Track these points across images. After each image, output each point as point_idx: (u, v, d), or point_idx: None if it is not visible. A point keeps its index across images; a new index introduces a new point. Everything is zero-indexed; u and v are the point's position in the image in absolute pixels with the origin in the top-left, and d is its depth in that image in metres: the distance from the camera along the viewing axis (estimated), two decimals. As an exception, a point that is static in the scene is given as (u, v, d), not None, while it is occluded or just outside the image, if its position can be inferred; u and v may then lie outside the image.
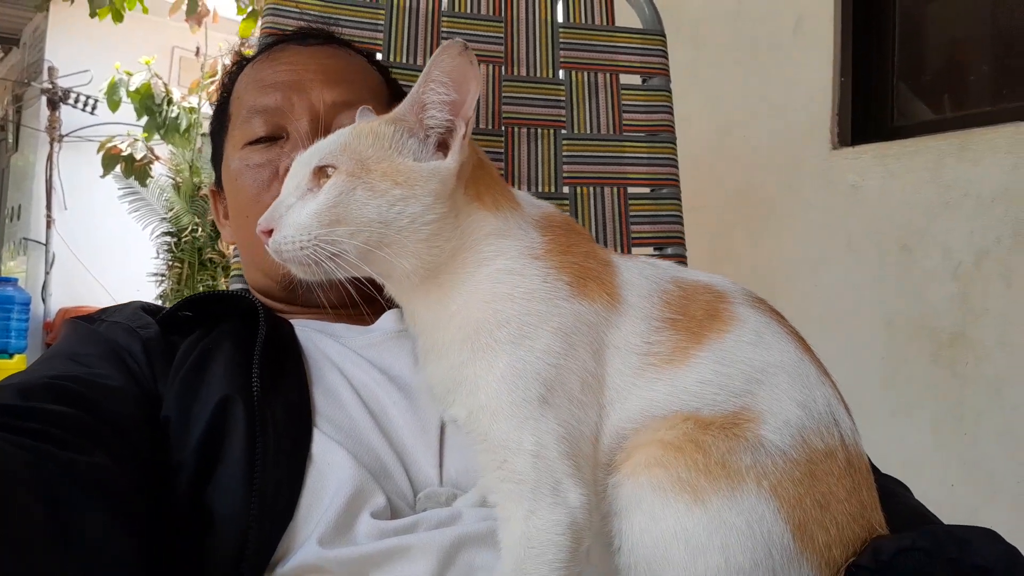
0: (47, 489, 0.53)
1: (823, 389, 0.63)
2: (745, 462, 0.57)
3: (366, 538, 0.67)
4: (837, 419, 0.62)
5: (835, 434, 0.61)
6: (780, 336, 0.64)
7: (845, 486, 0.59)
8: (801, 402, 0.61)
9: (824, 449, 0.60)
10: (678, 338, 0.61)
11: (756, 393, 0.60)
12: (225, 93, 1.01)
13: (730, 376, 0.61)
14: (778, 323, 0.65)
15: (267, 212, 0.62)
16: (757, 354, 0.62)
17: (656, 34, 1.32)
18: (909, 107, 2.19)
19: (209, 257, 6.12)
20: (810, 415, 0.60)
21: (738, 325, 0.63)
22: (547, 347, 0.59)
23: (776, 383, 0.61)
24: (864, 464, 0.62)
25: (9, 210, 8.22)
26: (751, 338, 0.63)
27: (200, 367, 0.78)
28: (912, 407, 1.89)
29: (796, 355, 0.63)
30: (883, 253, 1.97)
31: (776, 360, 0.62)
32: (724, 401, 0.60)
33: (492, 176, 0.66)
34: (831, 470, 0.59)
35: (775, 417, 0.59)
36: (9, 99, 8.29)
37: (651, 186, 1.25)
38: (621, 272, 0.64)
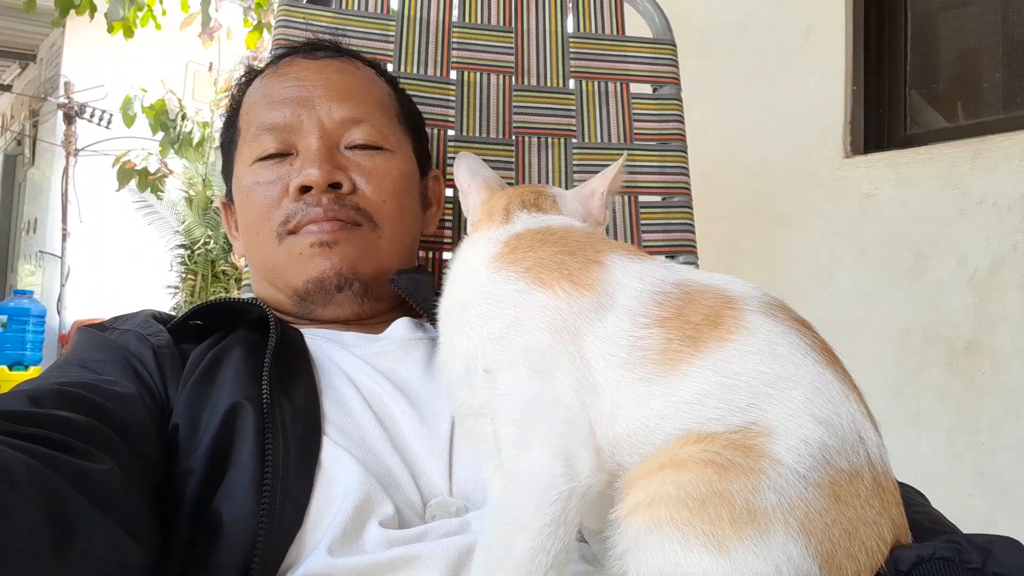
0: (52, 496, 0.53)
1: (848, 405, 0.58)
2: (771, 501, 0.53)
3: (374, 547, 0.67)
4: (863, 436, 0.58)
5: (861, 453, 0.57)
6: (797, 347, 0.59)
7: (874, 508, 0.56)
8: (821, 419, 0.56)
9: (849, 470, 0.56)
10: (668, 338, 0.60)
11: (766, 408, 0.56)
12: (234, 107, 1.02)
13: (734, 388, 0.57)
14: (798, 333, 0.61)
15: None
16: (766, 366, 0.58)
17: (666, 43, 1.32)
18: (922, 115, 2.18)
19: (222, 269, 6.17)
20: (833, 433, 0.56)
21: (744, 334, 0.59)
22: (489, 326, 0.64)
23: (790, 398, 0.57)
24: (891, 482, 0.59)
25: (25, 223, 8.31)
26: (759, 348, 0.59)
27: (210, 374, 0.78)
28: (927, 416, 1.88)
29: (815, 368, 0.59)
30: (897, 262, 1.96)
31: (789, 373, 0.58)
32: (728, 415, 0.56)
33: (490, 209, 0.76)
34: (857, 492, 0.55)
35: (790, 435, 0.55)
36: (26, 114, 8.39)
37: (662, 195, 1.25)
38: (608, 270, 0.64)
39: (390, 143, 0.96)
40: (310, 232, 0.90)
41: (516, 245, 0.69)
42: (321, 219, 0.89)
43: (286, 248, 0.91)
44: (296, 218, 0.90)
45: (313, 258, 0.89)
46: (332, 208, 0.89)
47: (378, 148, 0.95)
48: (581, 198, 0.78)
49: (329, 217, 0.89)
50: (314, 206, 0.89)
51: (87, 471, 0.58)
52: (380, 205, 0.93)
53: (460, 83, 1.24)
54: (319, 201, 0.89)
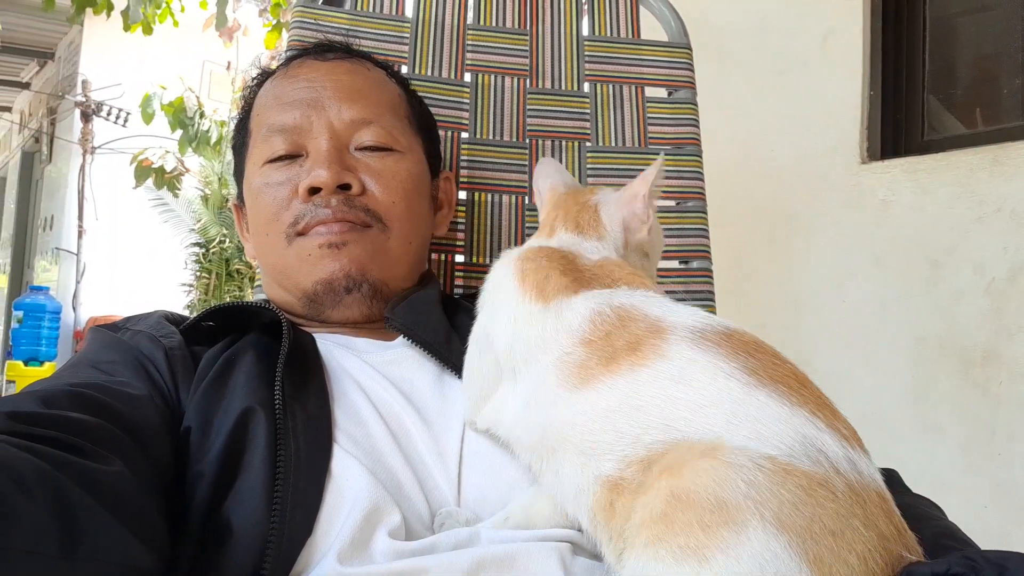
0: (60, 498, 0.53)
1: (792, 422, 0.57)
2: (740, 491, 0.53)
3: (382, 557, 0.66)
4: (823, 449, 0.56)
5: (822, 463, 0.55)
6: (718, 372, 0.60)
7: (858, 515, 0.54)
8: (752, 436, 0.56)
9: (812, 473, 0.55)
10: (586, 358, 0.65)
11: (687, 431, 0.58)
12: (246, 108, 1.02)
13: (643, 410, 0.60)
14: (727, 359, 0.61)
15: None
16: (680, 391, 0.60)
17: (682, 47, 1.31)
18: (940, 121, 2.16)
19: (236, 268, 6.20)
20: (771, 446, 0.55)
21: (659, 361, 0.62)
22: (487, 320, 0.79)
23: (712, 419, 0.58)
24: (873, 495, 0.57)
25: (42, 220, 8.37)
26: (673, 375, 0.61)
27: (222, 378, 0.78)
28: (942, 426, 1.85)
29: (742, 391, 0.59)
30: (913, 269, 1.94)
31: (707, 398, 0.59)
32: (642, 433, 0.60)
33: (542, 224, 0.85)
34: (832, 495, 0.54)
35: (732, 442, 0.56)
36: (44, 111, 8.46)
37: (676, 199, 1.24)
38: (575, 291, 0.71)
39: (400, 144, 0.96)
40: (319, 233, 0.89)
41: (535, 257, 0.77)
42: (330, 220, 0.89)
43: (295, 249, 0.91)
44: (305, 219, 0.90)
45: (322, 259, 0.89)
46: (341, 209, 0.89)
47: (388, 149, 0.95)
48: (623, 202, 0.82)
49: (338, 218, 0.89)
50: (323, 207, 0.89)
51: (96, 473, 0.58)
52: (389, 206, 0.93)
53: (474, 85, 1.24)
54: (328, 202, 0.89)
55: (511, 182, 1.20)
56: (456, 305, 0.98)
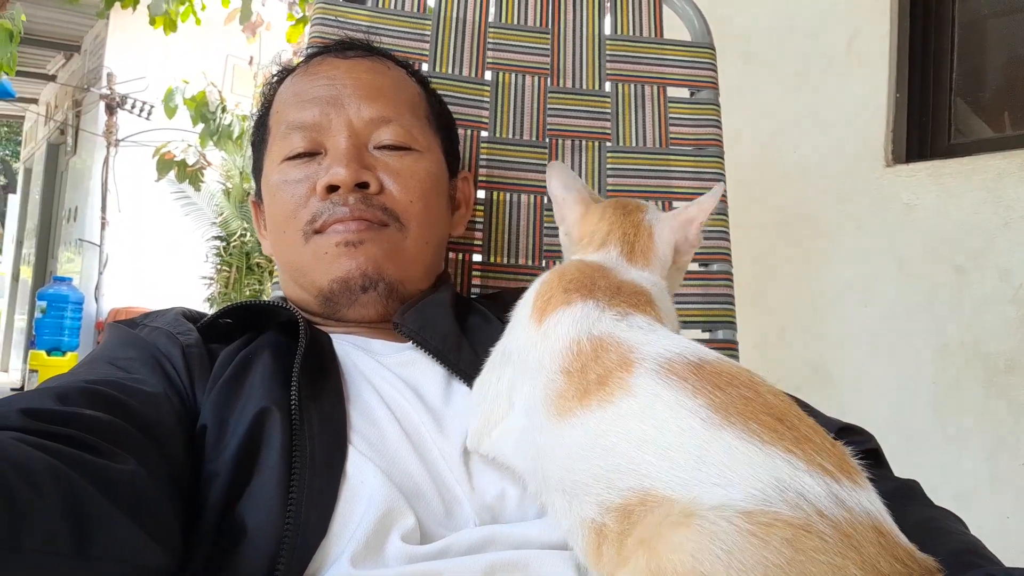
0: (74, 497, 0.52)
1: (765, 465, 0.53)
2: (722, 561, 0.49)
3: (395, 561, 0.66)
4: (801, 491, 0.52)
5: (803, 507, 0.51)
6: (682, 410, 0.57)
7: (852, 560, 0.50)
8: (721, 483, 0.53)
9: (793, 521, 0.50)
10: (564, 389, 0.64)
11: (652, 476, 0.56)
12: (265, 105, 1.02)
13: (611, 451, 0.58)
14: (693, 394, 0.58)
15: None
16: (645, 432, 0.57)
17: (705, 47, 1.30)
18: (967, 124, 2.13)
19: (256, 262, 6.24)
20: (743, 494, 0.52)
21: (625, 397, 0.60)
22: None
23: (677, 466, 0.55)
24: (869, 531, 0.52)
25: (66, 211, 8.46)
26: (636, 412, 0.59)
27: (239, 377, 0.78)
28: (965, 435, 1.83)
29: (705, 434, 0.56)
30: (937, 275, 1.91)
31: (670, 441, 0.56)
32: (613, 477, 0.58)
33: (592, 236, 0.82)
34: (819, 545, 0.50)
35: (693, 498, 0.53)
36: (69, 104, 8.55)
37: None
38: (561, 313, 0.70)
39: (419, 143, 0.95)
40: (336, 231, 0.89)
41: (557, 276, 0.77)
42: (347, 219, 0.88)
43: (312, 247, 0.90)
44: (323, 217, 0.89)
45: (338, 258, 0.89)
46: (359, 208, 0.89)
47: (406, 148, 0.94)
48: (678, 226, 0.81)
49: (355, 217, 0.88)
50: (341, 205, 0.89)
51: (110, 471, 0.58)
52: (407, 205, 0.92)
53: (495, 84, 1.23)
54: (346, 200, 0.89)
55: (530, 181, 1.19)
56: (469, 306, 0.98)
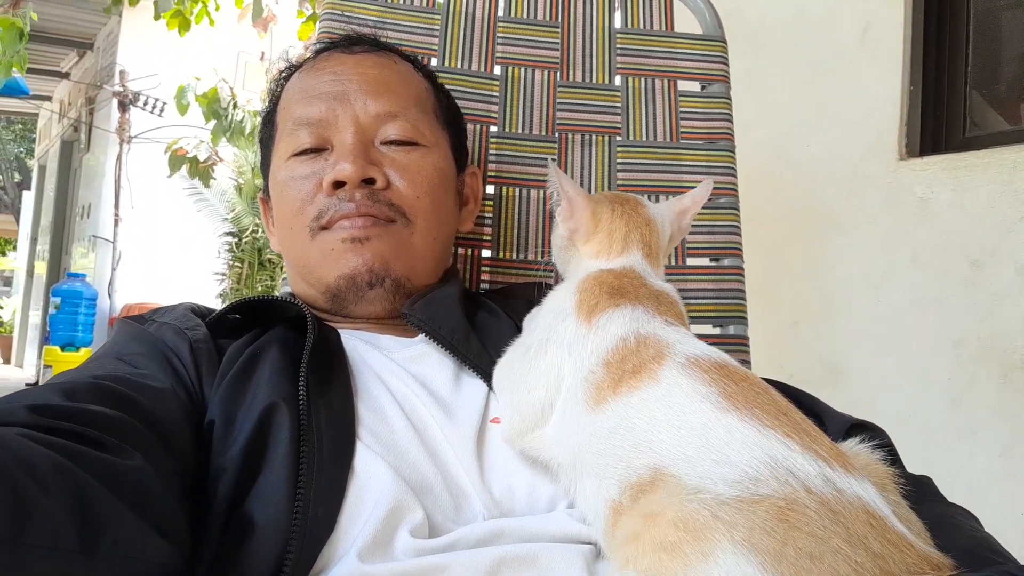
0: (80, 493, 0.52)
1: (761, 444, 0.57)
2: (711, 511, 0.54)
3: (404, 555, 0.66)
4: (792, 469, 0.55)
5: (791, 483, 0.55)
6: (695, 395, 0.63)
7: (838, 534, 0.52)
8: (720, 460, 0.57)
9: (781, 495, 0.54)
10: (602, 380, 0.69)
11: (661, 452, 0.60)
12: (273, 101, 1.02)
13: (632, 430, 0.63)
14: (707, 383, 0.63)
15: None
16: (661, 413, 0.63)
17: (717, 40, 1.29)
18: (983, 117, 2.10)
19: (268, 258, 6.25)
20: (737, 470, 0.56)
21: (651, 383, 0.66)
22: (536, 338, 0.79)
23: (682, 441, 0.60)
24: (860, 512, 0.54)
25: (80, 208, 8.51)
26: (658, 396, 0.64)
27: (247, 372, 0.77)
28: (980, 431, 1.81)
29: (712, 415, 0.61)
30: (952, 269, 1.89)
31: (680, 420, 0.62)
32: (632, 454, 0.62)
33: (611, 235, 0.83)
34: (803, 517, 0.52)
35: (699, 480, 0.57)
36: (83, 101, 8.59)
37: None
38: (612, 314, 0.74)
39: (425, 138, 0.95)
40: (342, 228, 0.89)
41: (593, 283, 0.79)
42: (353, 215, 0.88)
43: (318, 244, 0.90)
44: (329, 213, 0.89)
45: (345, 254, 0.89)
46: (365, 204, 0.88)
47: (413, 143, 0.94)
48: (674, 215, 0.87)
49: (362, 213, 0.88)
50: (347, 201, 0.88)
51: (116, 467, 0.58)
52: (414, 201, 0.92)
53: (504, 78, 1.22)
54: (352, 196, 0.88)
55: (540, 177, 1.18)
56: (477, 301, 0.98)
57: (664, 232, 0.85)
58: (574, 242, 0.84)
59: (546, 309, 0.80)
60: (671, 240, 0.87)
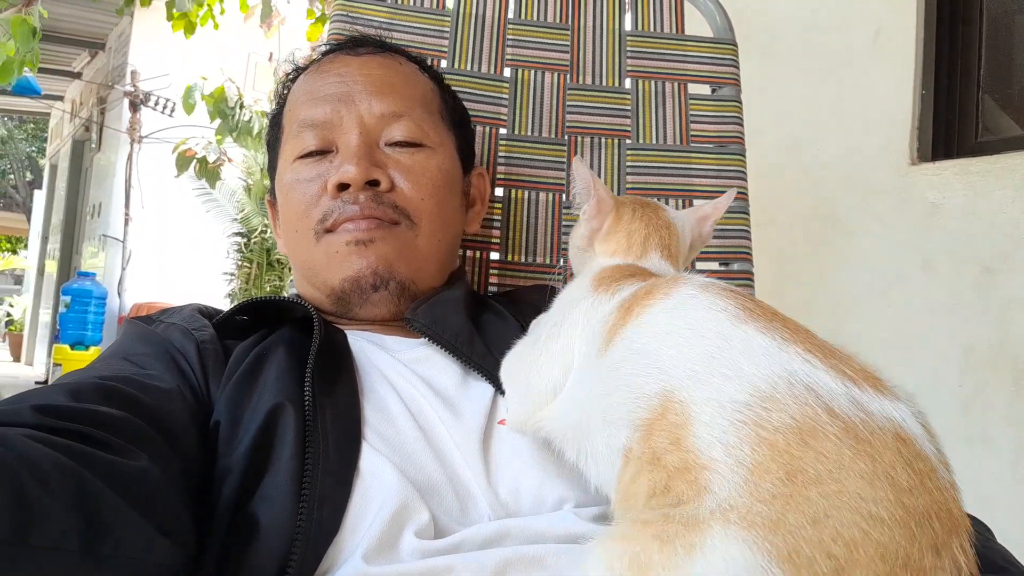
0: (84, 494, 0.52)
1: (778, 357, 0.53)
2: (708, 506, 0.49)
3: (409, 557, 0.66)
4: (813, 387, 0.51)
5: (811, 403, 0.49)
6: (710, 307, 0.58)
7: (855, 470, 0.47)
8: (728, 375, 0.53)
9: (795, 425, 0.49)
10: (616, 318, 0.65)
11: (670, 372, 0.55)
12: (279, 104, 1.02)
13: (641, 353, 0.59)
14: (726, 299, 0.59)
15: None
16: (671, 324, 0.59)
17: (727, 43, 1.28)
18: (995, 121, 2.09)
19: (277, 258, 6.27)
20: (749, 386, 0.51)
21: (661, 299, 0.62)
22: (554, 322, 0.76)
23: (693, 357, 0.55)
24: (888, 437, 0.49)
25: (91, 207, 8.55)
26: (668, 308, 0.61)
27: (253, 373, 0.77)
28: (991, 438, 1.79)
29: (728, 325, 0.56)
30: (963, 275, 1.88)
31: (693, 332, 0.57)
32: (642, 382, 0.57)
33: (631, 237, 0.80)
34: (821, 451, 0.47)
35: (706, 404, 0.52)
36: (94, 101, 8.63)
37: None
38: (623, 284, 0.71)
39: (431, 139, 0.95)
40: (346, 230, 0.89)
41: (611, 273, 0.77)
42: (357, 217, 0.88)
43: (323, 246, 0.90)
44: (333, 216, 0.89)
45: (349, 256, 0.88)
46: (369, 206, 0.88)
47: (418, 145, 0.94)
48: (695, 221, 0.85)
49: (366, 215, 0.88)
50: (351, 204, 0.88)
51: (122, 468, 0.57)
52: (419, 203, 0.92)
53: (514, 81, 1.22)
54: (356, 199, 0.88)
55: (549, 179, 1.18)
56: (483, 303, 0.97)
57: (684, 238, 0.83)
58: (592, 242, 0.83)
59: (557, 304, 0.79)
60: (692, 248, 0.85)
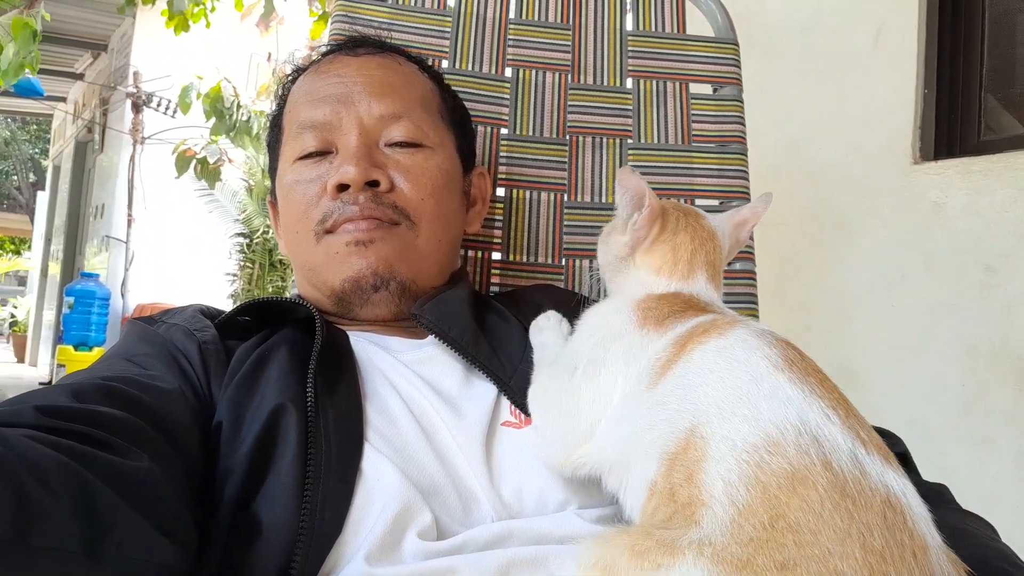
0: (86, 495, 0.52)
1: (798, 406, 0.55)
2: (691, 537, 0.51)
3: (412, 558, 0.66)
4: (819, 438, 0.53)
5: (808, 453, 0.52)
6: (754, 353, 0.60)
7: (831, 524, 0.49)
8: (747, 416, 0.55)
9: (789, 471, 0.51)
10: (669, 353, 0.65)
11: (702, 408, 0.58)
12: (280, 105, 1.02)
13: (684, 387, 0.61)
14: (773, 348, 0.60)
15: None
16: (716, 364, 0.60)
17: (729, 43, 1.28)
18: (998, 121, 2.08)
19: (279, 259, 6.26)
20: (761, 431, 0.54)
21: (716, 337, 0.63)
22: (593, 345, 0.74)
23: (723, 398, 0.57)
24: (876, 501, 0.51)
25: (94, 208, 8.56)
26: (720, 347, 0.62)
27: (255, 373, 0.77)
28: (994, 438, 1.79)
29: (764, 371, 0.58)
30: (966, 275, 1.88)
31: (732, 374, 0.59)
32: (677, 417, 0.59)
33: (677, 252, 0.77)
34: (808, 506, 0.50)
35: (722, 441, 0.54)
36: (97, 102, 8.64)
37: (720, 199, 1.21)
38: (676, 321, 0.70)
39: (430, 140, 0.95)
40: (346, 231, 0.89)
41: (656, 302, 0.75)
42: (357, 218, 0.88)
43: (323, 247, 0.90)
44: (333, 217, 0.89)
45: (349, 257, 0.89)
46: (369, 206, 0.88)
47: (418, 145, 0.94)
48: (732, 226, 0.82)
49: (365, 216, 0.88)
50: (351, 204, 0.88)
51: (123, 469, 0.57)
52: (419, 203, 0.92)
53: (515, 81, 1.22)
54: (356, 199, 0.88)
55: (550, 179, 1.18)
56: (487, 304, 0.97)
57: (724, 247, 0.80)
58: (634, 251, 0.78)
59: (592, 330, 0.75)
60: (728, 255, 0.81)
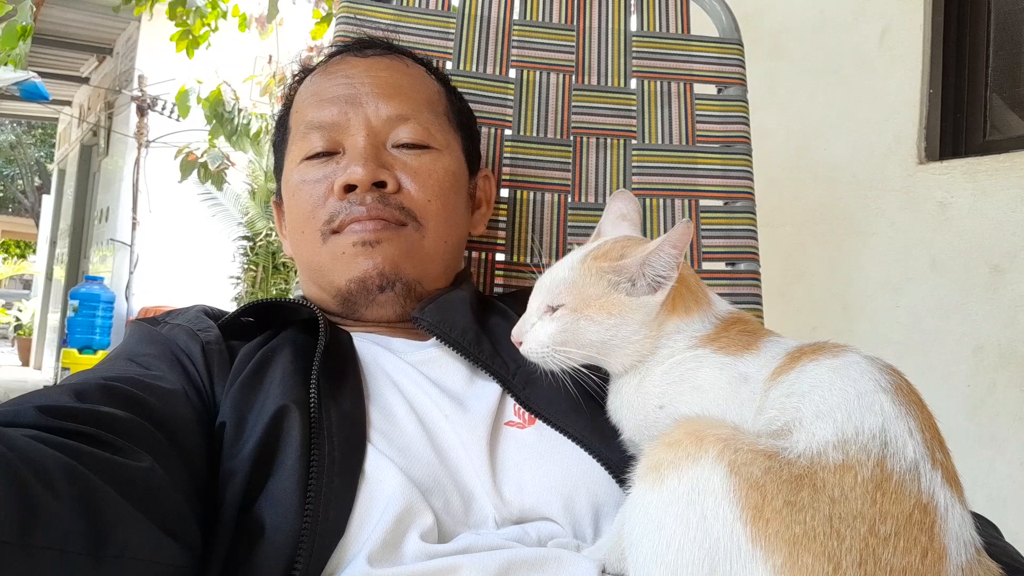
0: (89, 496, 0.52)
1: (887, 413, 0.57)
2: (719, 432, 0.57)
3: (413, 559, 0.65)
4: (887, 442, 0.55)
5: (869, 451, 0.55)
6: (865, 375, 0.61)
7: (854, 507, 0.52)
8: (838, 420, 0.57)
9: (840, 463, 0.54)
10: (786, 359, 0.67)
11: (804, 411, 0.60)
12: (286, 105, 1.02)
13: (792, 394, 0.62)
14: (884, 374, 0.62)
15: (517, 326, 0.77)
16: (828, 378, 0.62)
17: (733, 43, 1.27)
18: (1003, 120, 2.08)
19: (282, 261, 6.28)
20: (842, 430, 0.56)
21: (830, 357, 0.64)
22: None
23: (831, 399, 0.59)
24: (911, 508, 0.53)
25: (98, 212, 8.59)
26: (835, 367, 0.63)
27: (258, 374, 0.77)
28: (1000, 439, 1.78)
29: (867, 389, 0.60)
30: (972, 275, 1.87)
31: (842, 384, 0.61)
32: (781, 416, 0.61)
33: (689, 287, 0.75)
34: (841, 482, 0.53)
35: (808, 426, 0.58)
36: (102, 105, 8.68)
37: (724, 199, 1.20)
38: (764, 341, 0.71)
39: (437, 141, 0.95)
40: (353, 231, 0.89)
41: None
42: (364, 218, 0.88)
43: (330, 248, 0.90)
44: (340, 217, 0.89)
45: (355, 257, 0.89)
46: (376, 207, 0.88)
47: (425, 147, 0.94)
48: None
49: (372, 216, 0.88)
50: (358, 205, 0.88)
51: (127, 469, 0.57)
52: (425, 204, 0.92)
53: (519, 82, 1.22)
54: (363, 200, 0.88)
55: (554, 180, 1.18)
56: (490, 305, 0.97)
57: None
58: (658, 316, 0.73)
59: (694, 390, 0.72)
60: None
